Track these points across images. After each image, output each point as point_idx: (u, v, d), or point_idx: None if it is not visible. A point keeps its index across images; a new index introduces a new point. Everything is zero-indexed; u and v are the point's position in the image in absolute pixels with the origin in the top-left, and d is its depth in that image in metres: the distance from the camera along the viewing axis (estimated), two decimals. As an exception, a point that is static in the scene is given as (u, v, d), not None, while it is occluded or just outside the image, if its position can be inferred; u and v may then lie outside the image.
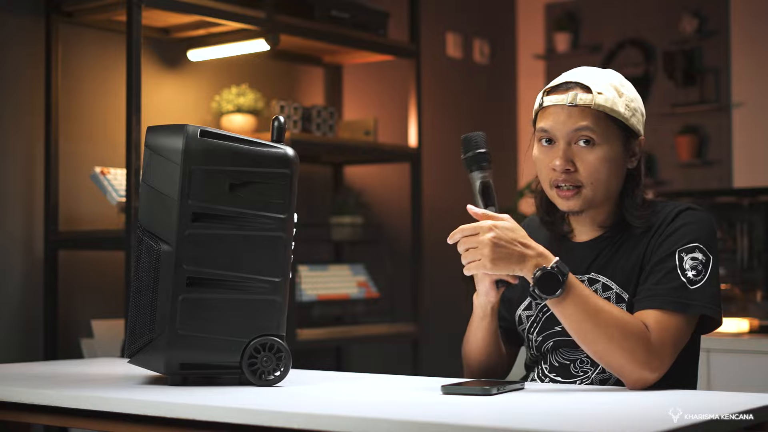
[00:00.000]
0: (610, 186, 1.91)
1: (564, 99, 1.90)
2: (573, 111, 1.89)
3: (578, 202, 1.91)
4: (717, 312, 1.84)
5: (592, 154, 1.88)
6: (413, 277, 3.81)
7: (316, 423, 1.51)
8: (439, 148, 4.53)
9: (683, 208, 1.91)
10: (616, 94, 1.90)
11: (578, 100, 1.88)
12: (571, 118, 1.89)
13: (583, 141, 1.88)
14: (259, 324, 1.86)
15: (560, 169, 1.89)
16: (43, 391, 1.84)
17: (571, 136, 1.89)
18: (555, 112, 1.91)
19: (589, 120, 1.88)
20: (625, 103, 1.90)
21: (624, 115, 1.90)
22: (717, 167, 4.49)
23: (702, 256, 1.85)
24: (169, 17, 3.29)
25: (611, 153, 1.89)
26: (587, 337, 1.79)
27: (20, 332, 3.14)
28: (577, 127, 1.88)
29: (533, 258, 1.78)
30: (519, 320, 2.03)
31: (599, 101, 1.88)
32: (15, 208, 3.15)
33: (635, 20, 4.76)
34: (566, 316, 1.79)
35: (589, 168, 1.88)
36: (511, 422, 1.42)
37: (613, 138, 1.90)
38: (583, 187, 1.90)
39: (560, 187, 1.91)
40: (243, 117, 3.52)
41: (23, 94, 3.18)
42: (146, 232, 1.87)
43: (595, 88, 1.89)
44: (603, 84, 1.90)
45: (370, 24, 3.74)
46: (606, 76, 1.94)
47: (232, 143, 1.86)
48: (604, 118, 1.88)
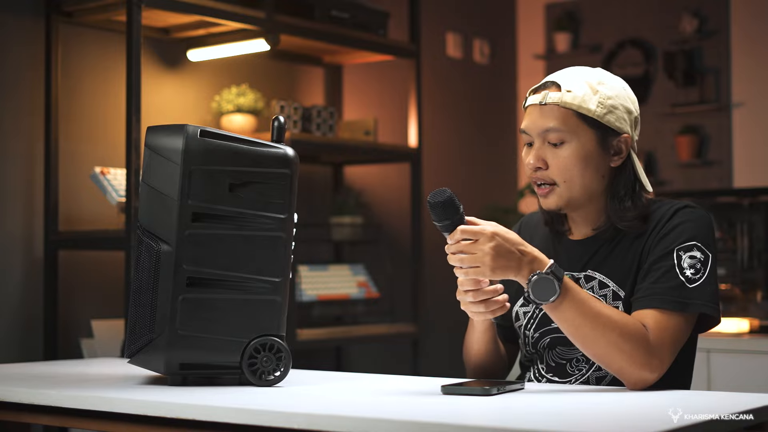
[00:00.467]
0: (586, 183, 1.91)
1: (537, 98, 1.92)
2: (544, 110, 1.90)
3: (554, 200, 1.92)
4: (716, 310, 1.84)
5: (561, 151, 1.89)
6: (413, 277, 3.81)
7: (316, 423, 1.51)
8: (439, 148, 4.54)
9: (681, 206, 1.91)
10: (589, 91, 1.89)
11: (548, 98, 1.90)
12: (541, 117, 1.90)
13: (552, 139, 1.90)
14: (259, 324, 1.86)
15: (532, 167, 1.92)
16: (43, 391, 1.84)
17: (543, 134, 1.90)
18: (530, 112, 1.93)
19: (557, 118, 1.89)
20: (599, 100, 1.89)
21: (595, 112, 1.88)
22: (717, 167, 4.49)
23: (700, 255, 1.85)
24: (169, 17, 3.29)
25: (582, 150, 1.89)
26: (586, 341, 1.79)
27: (20, 332, 3.14)
28: (546, 126, 1.89)
29: (528, 264, 1.77)
30: (516, 317, 2.03)
31: (566, 99, 1.88)
32: (15, 208, 3.15)
33: (635, 20, 4.76)
34: (564, 320, 1.79)
35: (559, 165, 1.90)
36: (511, 422, 1.42)
37: (584, 135, 1.89)
38: (557, 184, 1.91)
39: (538, 185, 1.94)
40: (243, 117, 3.52)
41: (23, 94, 3.18)
42: (146, 232, 1.87)
43: (564, 86, 1.90)
44: (576, 82, 1.90)
45: (370, 24, 3.74)
46: (584, 74, 1.93)
47: (232, 143, 1.86)
48: (572, 116, 1.89)
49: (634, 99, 1.96)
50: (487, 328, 1.99)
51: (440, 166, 4.52)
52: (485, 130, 4.88)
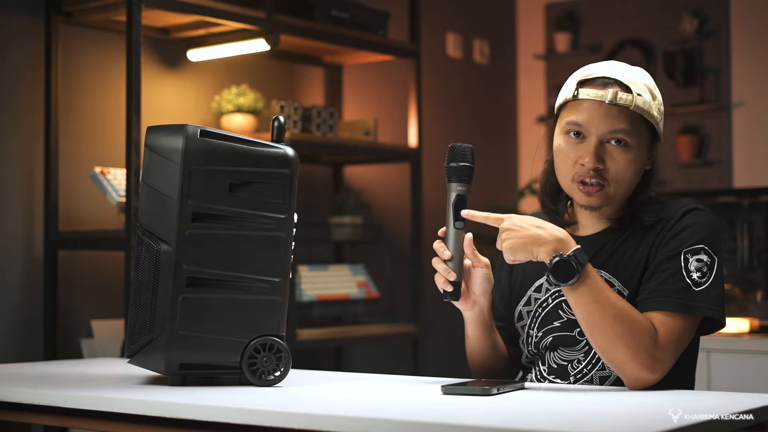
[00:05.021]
0: (631, 186, 1.91)
1: (603, 95, 1.87)
2: (612, 110, 1.87)
3: (599, 199, 1.90)
4: (721, 314, 1.85)
5: (624, 155, 1.87)
6: (413, 277, 3.81)
7: (316, 423, 1.51)
8: (439, 148, 4.53)
9: (690, 208, 1.91)
10: (651, 97, 1.89)
11: (618, 99, 1.86)
12: (608, 116, 1.87)
13: (616, 141, 1.87)
14: (259, 324, 1.86)
15: (590, 165, 1.87)
16: (43, 391, 1.84)
17: (607, 134, 1.87)
18: (591, 108, 1.88)
19: (627, 121, 1.86)
20: (657, 106, 1.90)
21: (656, 119, 1.90)
22: (717, 167, 4.49)
23: (707, 258, 1.85)
24: (169, 17, 3.29)
25: (640, 155, 1.89)
26: (594, 329, 1.79)
27: (20, 332, 3.14)
28: (614, 128, 1.86)
29: (551, 242, 1.78)
30: (519, 316, 2.03)
31: (638, 103, 1.87)
32: (15, 208, 3.15)
33: (635, 20, 4.76)
34: (578, 304, 1.79)
35: (619, 168, 1.87)
36: (511, 422, 1.42)
37: (644, 140, 1.89)
38: (608, 185, 1.89)
39: (585, 182, 1.89)
40: (243, 117, 3.52)
41: (23, 94, 3.18)
42: (146, 232, 1.87)
43: (634, 89, 1.87)
44: (641, 85, 1.89)
45: (370, 24, 3.74)
46: (641, 76, 1.92)
47: (232, 143, 1.86)
48: (639, 120, 1.88)
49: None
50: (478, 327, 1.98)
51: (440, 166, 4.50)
52: (485, 130, 4.88)
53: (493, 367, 2.04)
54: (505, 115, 5.02)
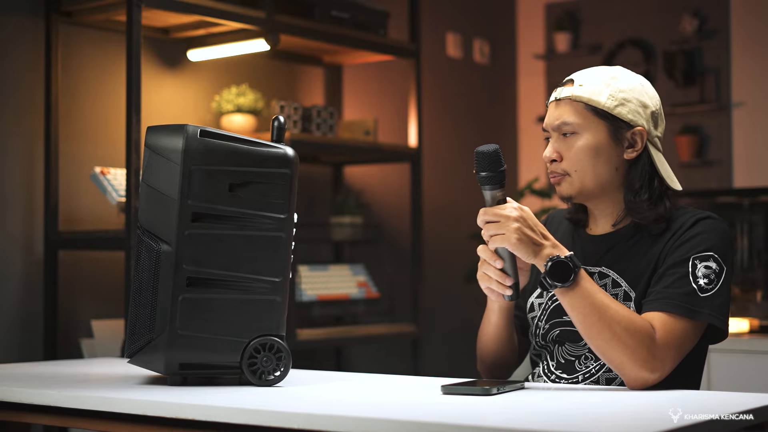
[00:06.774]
0: (598, 174, 1.94)
1: (553, 95, 2.00)
2: (559, 105, 1.98)
3: (566, 187, 1.97)
4: (723, 323, 1.86)
5: (574, 143, 1.95)
6: (413, 277, 3.81)
7: (316, 423, 1.51)
8: (439, 148, 4.53)
9: (703, 216, 1.93)
10: (601, 85, 1.94)
11: (561, 94, 1.97)
12: (556, 111, 1.98)
13: (565, 132, 1.95)
14: (259, 324, 1.87)
15: (547, 159, 1.98)
16: (43, 391, 1.84)
17: (557, 128, 1.96)
18: (549, 109, 2.01)
19: (569, 111, 1.95)
20: (610, 93, 1.93)
21: (605, 104, 1.93)
22: (717, 167, 4.49)
23: (716, 266, 1.86)
24: (169, 17, 3.29)
25: (593, 141, 1.94)
26: (591, 331, 1.80)
27: (20, 332, 3.14)
28: (560, 120, 1.96)
29: (547, 248, 1.82)
30: (531, 308, 2.06)
31: (577, 93, 1.94)
32: (15, 208, 3.15)
33: (635, 20, 4.76)
34: (573, 307, 1.81)
35: (571, 156, 1.95)
36: (511, 422, 1.42)
37: (596, 127, 1.94)
38: (569, 174, 1.96)
39: (553, 177, 1.99)
40: (243, 117, 3.52)
41: (23, 94, 3.18)
42: (146, 232, 1.87)
43: (578, 81, 1.96)
44: (590, 77, 1.96)
45: (370, 24, 3.74)
46: (600, 70, 1.99)
47: (232, 143, 1.86)
48: (583, 109, 1.94)
49: (653, 95, 1.99)
50: (502, 315, 2.02)
51: (440, 166, 4.51)
52: (485, 130, 4.88)
53: (505, 355, 2.07)
54: (504, 115, 5.02)
